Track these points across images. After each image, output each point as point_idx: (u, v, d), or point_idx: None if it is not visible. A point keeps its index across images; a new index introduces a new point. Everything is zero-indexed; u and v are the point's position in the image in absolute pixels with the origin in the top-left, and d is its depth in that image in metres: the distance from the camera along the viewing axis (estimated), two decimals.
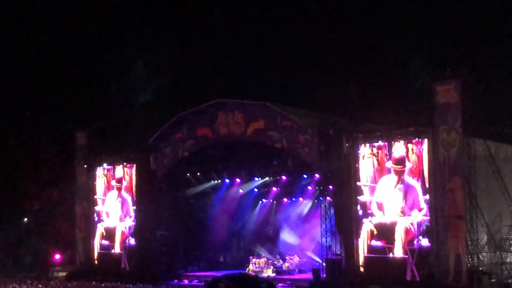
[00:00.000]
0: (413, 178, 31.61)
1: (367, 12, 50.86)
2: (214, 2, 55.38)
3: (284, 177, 40.52)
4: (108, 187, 42.42)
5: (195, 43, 55.39)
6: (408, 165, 31.63)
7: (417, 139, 31.41)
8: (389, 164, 32.31)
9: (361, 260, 33.12)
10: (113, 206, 42.05)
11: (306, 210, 43.98)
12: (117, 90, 52.48)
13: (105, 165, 42.37)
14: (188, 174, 41.41)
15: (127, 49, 53.90)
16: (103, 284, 36.97)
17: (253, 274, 38.54)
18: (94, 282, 38.19)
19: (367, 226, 33.08)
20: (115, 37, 54.55)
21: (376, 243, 32.74)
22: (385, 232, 32.45)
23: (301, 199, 44.26)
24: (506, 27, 45.16)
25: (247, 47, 53.03)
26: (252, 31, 53.24)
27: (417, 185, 31.46)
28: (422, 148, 31.32)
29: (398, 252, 31.96)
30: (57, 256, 45.77)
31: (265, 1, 54.41)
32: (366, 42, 49.62)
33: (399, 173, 32.00)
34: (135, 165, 41.04)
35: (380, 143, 32.63)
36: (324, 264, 35.64)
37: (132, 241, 41.08)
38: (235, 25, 53.91)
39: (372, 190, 33.02)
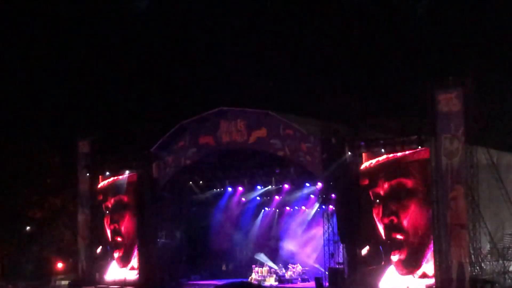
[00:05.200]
0: None
1: (369, 19, 50.90)
2: (216, 9, 55.48)
3: (286, 186, 40.52)
4: (111, 196, 42.35)
5: (198, 50, 55.52)
6: None
7: (419, 147, 31.40)
8: None
9: None
10: (116, 215, 41.98)
11: (308, 218, 43.91)
12: None
13: (107, 173, 42.32)
14: (190, 183, 41.42)
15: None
16: None
17: (256, 282, 38.50)
18: None
19: None
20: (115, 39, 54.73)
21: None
22: None
23: (303, 207, 44.22)
24: (509, 34, 45.18)
25: (249, 55, 53.07)
26: (253, 39, 53.33)
27: None
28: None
29: None
30: (59, 265, 45.74)
31: (267, 9, 54.52)
32: (368, 50, 49.70)
33: None
34: (136, 174, 40.98)
35: (383, 151, 32.60)
36: (326, 272, 35.55)
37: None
38: (236, 33, 54.05)
39: None
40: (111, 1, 55.35)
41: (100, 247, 42.15)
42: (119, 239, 41.52)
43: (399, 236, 31.84)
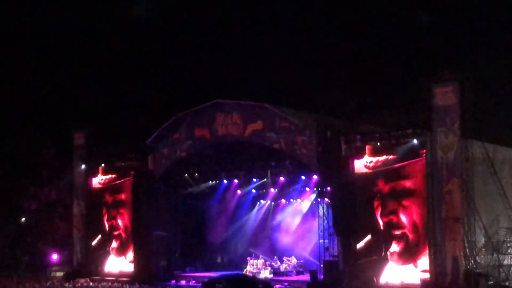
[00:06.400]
0: None
1: (364, 13, 50.93)
2: (211, 3, 55.41)
3: (282, 178, 40.56)
4: (106, 187, 42.34)
5: (195, 43, 55.48)
6: None
7: (415, 141, 31.45)
8: None
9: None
10: (113, 211, 42.00)
11: (303, 211, 43.99)
12: None
13: (103, 165, 42.31)
14: (186, 175, 41.42)
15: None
16: (101, 285, 37.01)
17: (251, 275, 38.58)
18: (91, 283, 38.24)
19: None
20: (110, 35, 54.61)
21: None
22: None
23: (299, 200, 44.27)
24: (505, 28, 45.23)
25: (246, 48, 53.06)
26: (250, 32, 53.31)
27: None
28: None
29: None
30: (55, 256, 45.74)
31: (264, 3, 54.49)
32: (364, 44, 49.72)
33: None
34: (132, 169, 40.94)
35: (378, 144, 32.65)
36: (321, 265, 35.63)
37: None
38: (234, 26, 54.02)
39: None
40: None
41: (97, 238, 42.23)
42: (116, 233, 41.59)
43: (397, 232, 31.91)
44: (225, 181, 42.64)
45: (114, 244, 41.70)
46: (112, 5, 54.78)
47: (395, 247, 31.93)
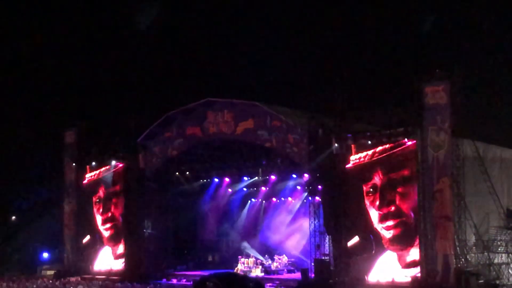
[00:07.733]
0: None
1: (356, 13, 50.94)
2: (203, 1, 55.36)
3: (273, 177, 40.58)
4: (104, 187, 42.18)
5: (185, 41, 55.36)
6: None
7: (406, 139, 31.49)
8: None
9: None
10: (102, 205, 41.87)
11: (294, 209, 44.03)
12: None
13: (93, 163, 42.19)
14: (177, 173, 41.40)
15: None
16: (91, 283, 36.93)
17: (242, 273, 38.59)
18: (82, 281, 38.15)
19: None
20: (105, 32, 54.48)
21: None
22: None
23: (290, 198, 44.30)
24: (497, 28, 45.33)
25: (237, 46, 53.00)
26: (241, 31, 53.26)
27: None
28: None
29: None
30: (45, 255, 45.64)
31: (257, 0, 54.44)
32: (356, 43, 49.74)
33: None
34: (124, 163, 40.89)
35: (369, 143, 32.67)
36: (312, 264, 35.64)
37: None
38: (225, 24, 53.96)
39: None
40: None
41: (88, 237, 42.10)
42: (111, 224, 41.31)
43: (395, 221, 31.76)
44: (216, 180, 42.66)
45: (108, 233, 41.46)
46: (104, 5, 54.65)
47: (392, 233, 31.79)
